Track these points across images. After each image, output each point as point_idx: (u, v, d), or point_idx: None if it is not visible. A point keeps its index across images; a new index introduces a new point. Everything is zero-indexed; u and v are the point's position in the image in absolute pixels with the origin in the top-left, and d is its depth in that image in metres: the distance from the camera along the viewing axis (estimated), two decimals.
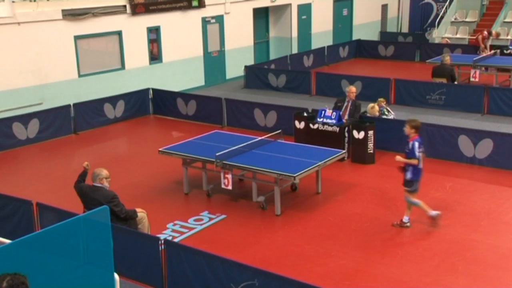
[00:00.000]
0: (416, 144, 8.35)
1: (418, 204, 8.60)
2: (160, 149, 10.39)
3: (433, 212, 8.61)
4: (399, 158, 8.48)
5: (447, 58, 16.36)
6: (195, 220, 9.14)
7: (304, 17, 22.39)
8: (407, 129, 8.51)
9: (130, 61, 16.50)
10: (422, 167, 8.57)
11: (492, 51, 19.03)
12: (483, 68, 17.31)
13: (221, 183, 9.45)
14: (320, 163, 9.33)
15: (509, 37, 22.80)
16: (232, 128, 13.82)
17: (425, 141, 11.58)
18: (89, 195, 7.72)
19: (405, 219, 8.69)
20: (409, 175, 8.50)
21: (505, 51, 19.22)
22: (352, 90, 12.14)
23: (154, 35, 17.22)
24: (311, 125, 11.83)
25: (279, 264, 7.57)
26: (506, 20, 23.69)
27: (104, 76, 15.87)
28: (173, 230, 8.78)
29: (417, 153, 8.32)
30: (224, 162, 9.33)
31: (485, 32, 19.74)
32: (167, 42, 17.43)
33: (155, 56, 17.36)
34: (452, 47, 21.28)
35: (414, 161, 8.34)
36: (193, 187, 10.34)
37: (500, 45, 20.70)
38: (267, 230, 8.86)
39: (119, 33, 16.18)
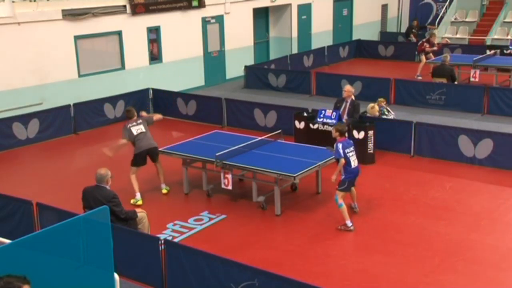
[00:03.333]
0: (340, 145, 8.57)
1: (341, 206, 8.62)
2: (160, 149, 10.38)
3: (349, 222, 8.65)
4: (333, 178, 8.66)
5: (447, 59, 16.38)
6: (195, 220, 9.14)
7: (304, 17, 22.38)
8: (333, 133, 8.85)
9: (130, 61, 16.49)
10: (356, 167, 8.71)
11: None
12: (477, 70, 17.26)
13: (221, 183, 9.45)
14: (320, 163, 9.33)
15: (509, 37, 22.81)
16: (232, 128, 13.82)
17: (425, 141, 11.65)
18: (91, 194, 7.73)
19: (348, 222, 8.71)
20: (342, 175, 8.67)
21: (505, 51, 19.21)
22: (347, 89, 12.06)
23: (154, 35, 17.22)
24: (311, 125, 11.83)
25: (279, 264, 7.57)
26: (506, 20, 23.69)
27: (104, 76, 15.87)
28: (173, 230, 8.79)
29: (341, 153, 8.52)
30: (224, 162, 9.33)
31: (425, 44, 19.63)
32: (167, 42, 17.42)
33: (155, 56, 17.35)
34: (452, 47, 21.27)
35: (342, 161, 8.55)
36: (193, 187, 10.34)
37: (500, 45, 20.70)
38: (267, 230, 8.86)
39: (119, 33, 16.18)
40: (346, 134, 8.91)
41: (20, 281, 4.21)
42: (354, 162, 8.67)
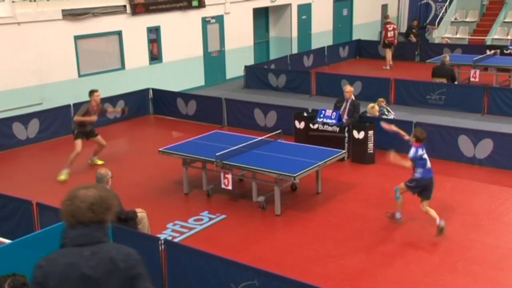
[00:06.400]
0: (414, 149, 8.56)
1: (398, 198, 8.77)
2: (160, 149, 10.39)
3: (398, 214, 8.81)
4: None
5: (447, 59, 16.39)
6: (195, 220, 9.14)
7: (304, 17, 22.38)
8: (410, 138, 8.83)
9: (130, 61, 16.50)
10: (427, 174, 8.55)
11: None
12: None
13: (221, 183, 9.45)
14: (320, 163, 9.33)
15: (509, 37, 22.81)
16: (232, 128, 13.82)
17: (425, 141, 11.62)
18: None
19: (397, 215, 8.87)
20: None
21: (505, 51, 19.22)
22: (347, 89, 12.11)
23: (154, 35, 17.22)
24: (311, 125, 11.83)
25: (279, 264, 7.57)
26: (506, 20, 23.70)
27: (104, 76, 15.87)
28: (173, 230, 8.78)
29: (414, 154, 8.55)
30: (224, 162, 9.33)
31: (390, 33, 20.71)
32: (167, 42, 17.43)
33: (155, 56, 17.36)
34: (452, 47, 21.27)
35: (408, 163, 8.62)
36: (193, 187, 10.34)
37: (500, 45, 20.70)
38: (267, 230, 8.86)
39: (119, 33, 16.18)
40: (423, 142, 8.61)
41: (20, 276, 4.29)
42: (429, 166, 8.47)
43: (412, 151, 8.50)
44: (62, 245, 3.32)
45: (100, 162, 11.68)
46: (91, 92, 11.55)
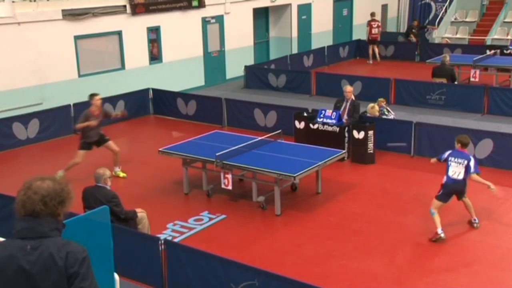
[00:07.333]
0: (449, 151, 8.46)
1: (433, 214, 8.34)
2: (160, 149, 10.39)
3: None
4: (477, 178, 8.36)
5: (447, 59, 16.39)
6: (195, 220, 9.14)
7: (304, 17, 22.38)
8: (456, 144, 8.62)
9: (130, 61, 16.50)
10: (452, 179, 8.39)
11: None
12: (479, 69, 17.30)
13: (221, 183, 9.45)
14: (320, 163, 9.33)
15: (509, 37, 22.81)
16: (232, 128, 13.82)
17: (425, 141, 11.64)
18: (91, 194, 7.73)
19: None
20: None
21: (505, 51, 19.22)
22: (347, 89, 12.12)
23: (154, 35, 17.22)
24: (311, 125, 11.83)
25: (279, 264, 7.56)
26: (506, 20, 23.70)
27: (104, 76, 15.87)
28: (173, 230, 8.78)
29: (443, 156, 8.58)
30: (224, 162, 9.33)
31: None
32: (167, 42, 17.43)
33: (155, 56, 17.36)
34: (452, 47, 21.27)
35: (433, 160, 8.79)
36: (193, 187, 10.34)
37: (500, 45, 20.71)
38: (267, 230, 8.86)
39: (119, 33, 16.18)
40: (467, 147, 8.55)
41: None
42: (451, 172, 8.32)
43: (473, 164, 8.26)
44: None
45: (122, 175, 11.13)
46: (91, 96, 11.10)
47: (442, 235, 8.17)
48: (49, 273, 3.16)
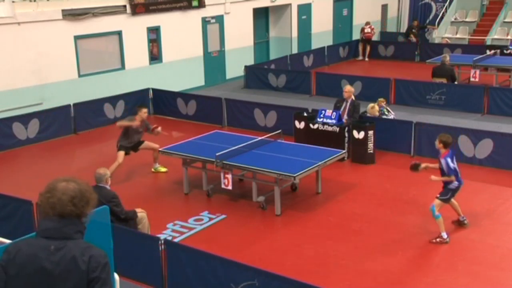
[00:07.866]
0: (449, 160, 8.09)
1: (437, 217, 8.20)
2: (160, 149, 10.38)
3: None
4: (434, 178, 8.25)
5: (447, 59, 16.40)
6: (195, 220, 9.14)
7: (304, 17, 22.38)
8: (437, 144, 8.30)
9: (130, 61, 16.50)
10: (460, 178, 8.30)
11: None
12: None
13: (221, 183, 9.45)
14: (320, 163, 9.33)
15: (509, 37, 22.81)
16: (232, 128, 13.82)
17: (425, 141, 11.64)
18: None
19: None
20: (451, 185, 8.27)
21: (505, 51, 19.22)
22: (347, 89, 12.12)
23: (154, 35, 17.22)
24: (311, 125, 11.83)
25: (279, 264, 7.56)
26: (506, 20, 23.70)
27: (104, 76, 15.87)
28: (173, 230, 8.78)
29: (455, 168, 8.13)
30: (224, 162, 9.33)
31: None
32: (167, 42, 17.43)
33: (155, 56, 17.36)
34: (452, 47, 21.28)
35: (452, 179, 8.15)
36: (193, 187, 10.34)
37: (500, 45, 20.71)
38: (267, 230, 8.86)
39: (119, 33, 16.18)
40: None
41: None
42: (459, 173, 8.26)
43: (445, 165, 8.10)
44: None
45: (163, 170, 11.15)
46: (139, 108, 10.95)
47: (448, 239, 8.15)
48: (70, 275, 3.18)
